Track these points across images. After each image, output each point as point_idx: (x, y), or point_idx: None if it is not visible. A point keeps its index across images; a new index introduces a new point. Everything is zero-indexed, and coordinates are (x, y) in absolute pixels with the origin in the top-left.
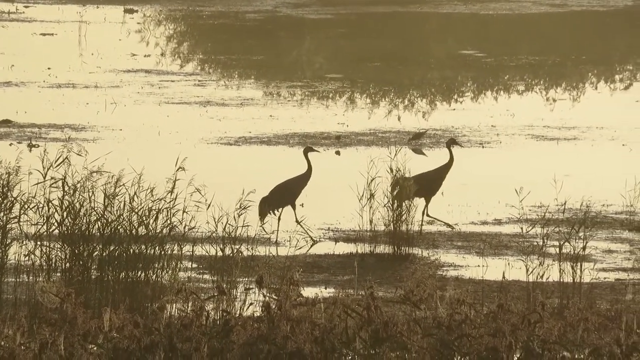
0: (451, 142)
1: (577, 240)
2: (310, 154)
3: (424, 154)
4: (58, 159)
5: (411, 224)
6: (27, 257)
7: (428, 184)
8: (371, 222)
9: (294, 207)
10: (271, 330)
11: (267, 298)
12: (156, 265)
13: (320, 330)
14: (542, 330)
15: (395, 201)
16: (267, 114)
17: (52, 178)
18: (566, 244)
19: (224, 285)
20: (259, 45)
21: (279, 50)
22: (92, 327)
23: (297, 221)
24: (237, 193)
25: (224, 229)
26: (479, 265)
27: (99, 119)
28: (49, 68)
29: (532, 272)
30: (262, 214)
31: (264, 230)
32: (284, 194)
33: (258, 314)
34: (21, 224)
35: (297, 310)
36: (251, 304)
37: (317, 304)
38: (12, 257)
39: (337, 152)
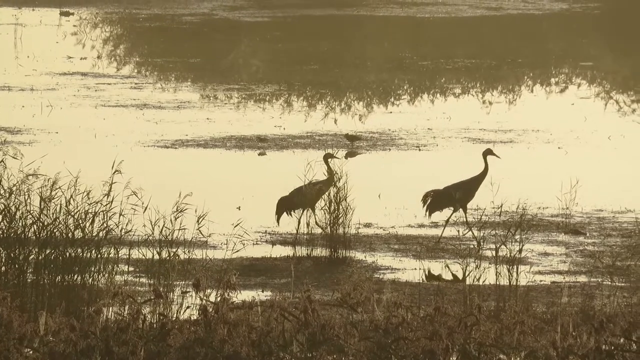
0: (488, 152)
1: (513, 243)
2: (330, 161)
3: (359, 153)
4: None
5: (348, 226)
6: None
7: (463, 194)
8: (308, 225)
9: (313, 211)
10: (208, 333)
11: (204, 301)
12: (92, 269)
13: (257, 333)
14: (478, 333)
15: (428, 212)
16: (204, 117)
17: None
18: (502, 246)
19: (161, 289)
20: (196, 48)
21: (216, 53)
22: (28, 330)
23: (316, 223)
24: (174, 196)
25: (161, 232)
26: (415, 268)
27: (35, 122)
28: None
29: (468, 275)
30: (279, 214)
31: (201, 233)
32: (303, 198)
33: (195, 317)
34: None
35: (234, 314)
36: (188, 307)
37: (254, 307)
38: None
39: (262, 154)
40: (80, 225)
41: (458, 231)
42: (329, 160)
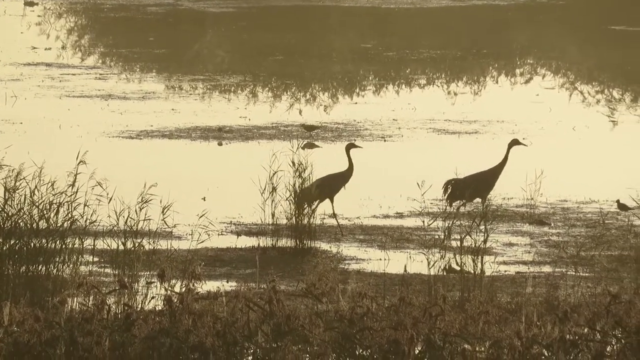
0: (514, 143)
1: (478, 234)
2: (352, 151)
3: (317, 146)
4: None
5: (313, 217)
6: None
7: (482, 184)
8: (273, 215)
9: (332, 202)
10: (173, 324)
11: (168, 292)
12: (57, 259)
13: (222, 323)
14: (443, 323)
15: (448, 201)
16: (169, 108)
17: None
18: (467, 237)
19: (126, 279)
20: (161, 38)
21: (181, 43)
22: None
23: (333, 214)
24: (139, 187)
25: (126, 222)
26: (380, 259)
27: None
28: None
29: (433, 265)
30: (299, 205)
31: (166, 224)
32: (324, 189)
33: (160, 308)
34: None
35: (198, 304)
36: (153, 297)
37: (219, 298)
38: None
39: (220, 144)
40: (45, 215)
41: (423, 222)
42: (351, 149)
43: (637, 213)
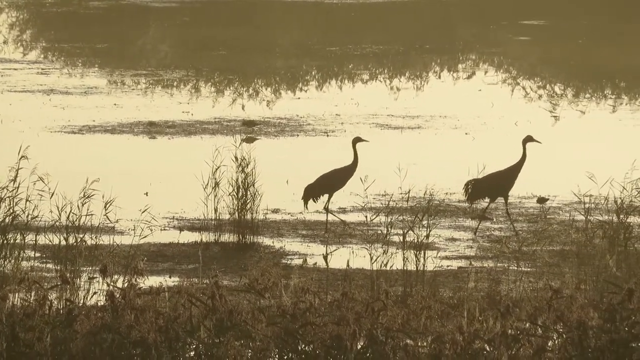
0: (527, 139)
1: (420, 229)
2: (358, 145)
3: (254, 141)
4: None
5: (256, 212)
6: None
7: (502, 182)
8: (216, 210)
9: (330, 196)
10: (115, 319)
11: (111, 287)
12: None
13: (165, 319)
14: (385, 318)
15: (469, 200)
16: (111, 103)
17: None
18: (410, 232)
19: (68, 275)
20: (103, 33)
21: (124, 38)
22: None
23: (325, 208)
24: (81, 182)
25: (68, 217)
26: (323, 254)
27: None
28: None
29: (376, 260)
30: (306, 200)
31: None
32: (328, 183)
33: (102, 303)
34: None
35: (141, 299)
36: (95, 293)
37: (161, 293)
38: None
39: (152, 137)
40: None
41: (366, 217)
42: (357, 143)
43: (578, 208)
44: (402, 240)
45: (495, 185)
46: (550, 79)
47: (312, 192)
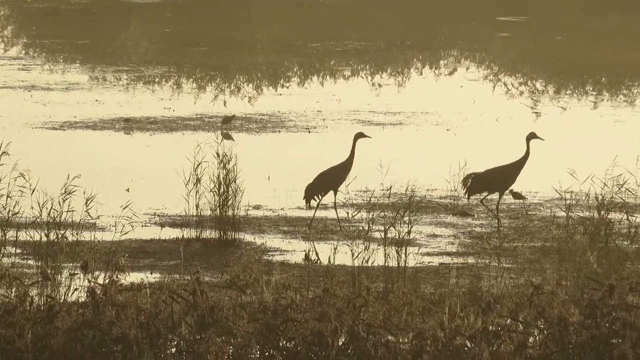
0: (531, 136)
1: (402, 225)
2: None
3: (232, 138)
4: None
5: (237, 209)
6: None
7: (503, 178)
8: (197, 207)
9: (335, 193)
10: (96, 315)
11: (92, 283)
12: None
13: (146, 315)
14: (367, 315)
15: (467, 194)
16: (93, 99)
17: None
18: (391, 228)
19: (49, 271)
20: (85, 29)
21: (105, 34)
22: None
23: (335, 206)
24: (62, 178)
25: (49, 214)
26: (304, 250)
27: None
28: None
29: (357, 256)
30: (307, 199)
31: (89, 215)
32: (327, 181)
33: (83, 300)
34: None
35: (122, 296)
36: (76, 289)
37: (142, 289)
38: None
39: (127, 132)
40: None
41: (347, 213)
42: (359, 139)
43: (559, 204)
44: (383, 236)
45: (495, 180)
46: (532, 75)
47: (312, 191)
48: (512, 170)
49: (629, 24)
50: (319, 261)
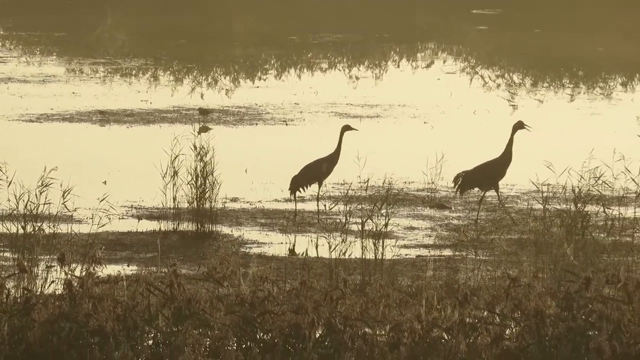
0: (518, 126)
1: (379, 218)
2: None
3: (210, 130)
4: None
5: (215, 201)
6: None
7: (494, 173)
8: (175, 199)
9: (319, 185)
10: (73, 308)
11: (69, 276)
12: None
13: (123, 307)
14: (344, 307)
15: (459, 191)
16: (70, 91)
17: None
18: (368, 221)
19: (25, 263)
20: (61, 21)
21: (82, 26)
22: None
23: (317, 198)
24: (39, 170)
25: (26, 206)
26: (282, 242)
27: None
28: None
29: (334, 249)
30: (293, 191)
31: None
32: (312, 173)
33: (60, 292)
34: None
35: (99, 288)
36: (53, 281)
37: (119, 282)
38: None
39: (102, 125)
40: None
41: (324, 206)
42: (345, 132)
43: (536, 197)
44: (361, 229)
45: (486, 176)
46: (509, 68)
47: (298, 183)
48: (501, 165)
49: (605, 16)
50: (297, 254)
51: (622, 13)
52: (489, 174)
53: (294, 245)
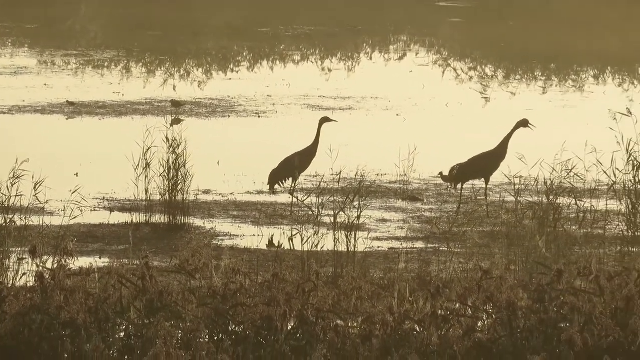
0: (522, 124)
1: (351, 210)
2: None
3: (182, 122)
4: None
5: (187, 193)
6: None
7: (486, 164)
8: (147, 191)
9: (295, 179)
10: (44, 300)
11: (40, 268)
12: None
13: (95, 300)
14: (316, 299)
15: (453, 184)
16: (42, 83)
17: None
18: (341, 213)
19: None
20: (33, 13)
21: (54, 18)
22: None
23: (290, 192)
24: (11, 162)
25: None
26: (254, 235)
27: None
28: None
29: (307, 241)
30: (271, 185)
31: (38, 199)
32: (291, 167)
33: (31, 284)
34: None
35: (71, 280)
36: (24, 274)
37: (91, 274)
38: None
39: (69, 118)
40: None
41: (297, 198)
42: (324, 124)
43: (508, 189)
44: (333, 221)
45: (476, 169)
46: (481, 60)
47: (277, 177)
48: (495, 157)
49: (578, 9)
50: (269, 246)
51: (599, 6)
52: (481, 166)
53: (266, 238)
